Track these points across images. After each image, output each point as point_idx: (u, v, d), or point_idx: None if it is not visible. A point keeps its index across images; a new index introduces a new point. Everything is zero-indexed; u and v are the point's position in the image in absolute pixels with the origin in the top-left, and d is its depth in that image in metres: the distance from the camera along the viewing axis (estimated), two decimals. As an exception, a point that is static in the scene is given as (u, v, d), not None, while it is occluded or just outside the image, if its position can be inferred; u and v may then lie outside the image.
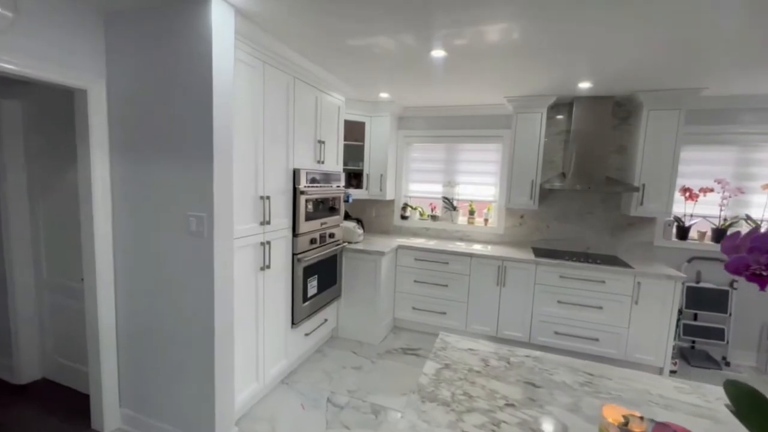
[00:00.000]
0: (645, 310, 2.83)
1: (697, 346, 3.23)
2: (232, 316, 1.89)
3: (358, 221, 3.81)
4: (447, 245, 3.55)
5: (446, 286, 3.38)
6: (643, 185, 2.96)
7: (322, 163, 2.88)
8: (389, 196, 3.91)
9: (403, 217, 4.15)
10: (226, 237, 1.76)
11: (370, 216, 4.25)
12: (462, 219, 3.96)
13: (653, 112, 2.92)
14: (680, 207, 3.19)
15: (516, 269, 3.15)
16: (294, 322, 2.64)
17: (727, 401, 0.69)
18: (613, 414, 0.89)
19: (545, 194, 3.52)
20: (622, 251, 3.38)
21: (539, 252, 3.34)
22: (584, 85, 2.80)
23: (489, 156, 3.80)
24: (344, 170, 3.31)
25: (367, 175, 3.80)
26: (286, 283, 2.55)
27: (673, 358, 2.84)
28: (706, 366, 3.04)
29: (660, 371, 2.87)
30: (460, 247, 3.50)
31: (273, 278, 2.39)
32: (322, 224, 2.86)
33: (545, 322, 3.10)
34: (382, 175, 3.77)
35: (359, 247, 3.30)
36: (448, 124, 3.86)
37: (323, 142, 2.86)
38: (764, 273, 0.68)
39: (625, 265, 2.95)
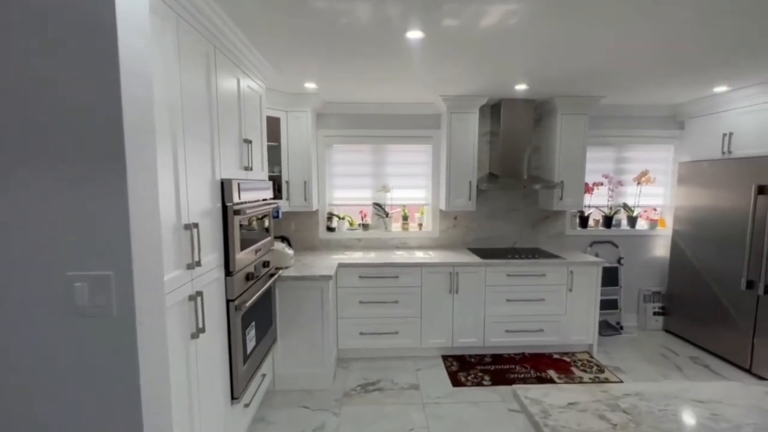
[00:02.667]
0: (577, 295, 3.11)
1: (599, 317, 3.78)
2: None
3: (284, 240, 3.10)
4: (390, 256, 3.21)
5: (396, 302, 3.04)
6: (562, 182, 3.25)
7: (250, 169, 2.15)
8: (315, 206, 3.32)
9: (330, 229, 3.61)
10: (154, 308, 0.98)
11: (289, 231, 3.55)
12: (395, 225, 3.69)
13: (565, 116, 3.23)
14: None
15: (467, 273, 3.05)
16: (234, 396, 1.87)
17: None
18: None
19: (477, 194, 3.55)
20: (542, 242, 3.69)
21: (476, 252, 3.34)
22: (520, 87, 2.87)
23: (419, 157, 3.62)
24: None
25: (287, 182, 3.13)
26: (221, 345, 1.77)
27: (596, 333, 3.21)
28: (609, 333, 3.57)
29: (590, 347, 3.21)
30: (407, 257, 3.21)
31: (207, 343, 1.60)
32: (256, 252, 2.13)
33: (497, 322, 3.10)
34: (305, 182, 3.16)
35: (294, 273, 2.65)
36: (374, 123, 3.51)
37: (250, 142, 2.13)
38: None
39: (550, 255, 3.19)
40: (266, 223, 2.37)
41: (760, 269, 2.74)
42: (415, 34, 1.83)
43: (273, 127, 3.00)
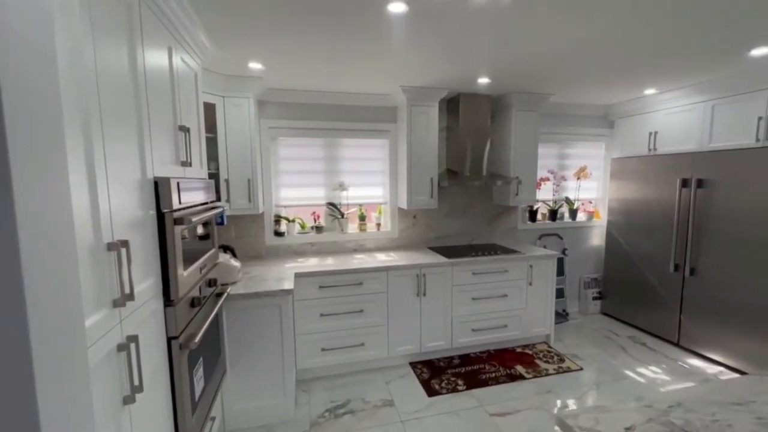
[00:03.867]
0: (536, 288, 3.18)
1: (548, 306, 3.97)
2: None
3: (227, 249, 2.62)
4: (350, 261, 2.93)
5: (361, 311, 2.78)
6: (518, 177, 3.30)
7: (189, 165, 1.69)
8: (261, 208, 2.89)
9: (278, 234, 3.19)
10: (69, 375, 0.59)
11: (230, 238, 3.05)
12: (352, 226, 3.40)
13: (519, 112, 3.27)
14: (531, 194, 3.78)
15: (434, 274, 2.91)
16: (182, 460, 1.44)
17: None
18: None
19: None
20: (497, 238, 3.73)
21: (437, 251, 3.24)
22: (483, 81, 2.80)
23: (375, 153, 3.38)
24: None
25: (227, 180, 2.65)
26: (164, 403, 1.33)
27: (552, 323, 3.34)
28: (558, 321, 3.75)
29: (547, 337, 3.32)
30: (369, 261, 2.96)
31: (146, 406, 1.17)
32: (201, 269, 1.69)
33: (464, 322, 3.02)
34: (249, 181, 2.71)
35: (244, 289, 2.23)
36: (325, 114, 3.18)
37: (187, 130, 1.68)
38: None
39: (509, 250, 3.22)
40: (210, 231, 1.92)
41: (685, 253, 3.07)
42: (398, 7, 1.58)
43: (208, 115, 2.49)
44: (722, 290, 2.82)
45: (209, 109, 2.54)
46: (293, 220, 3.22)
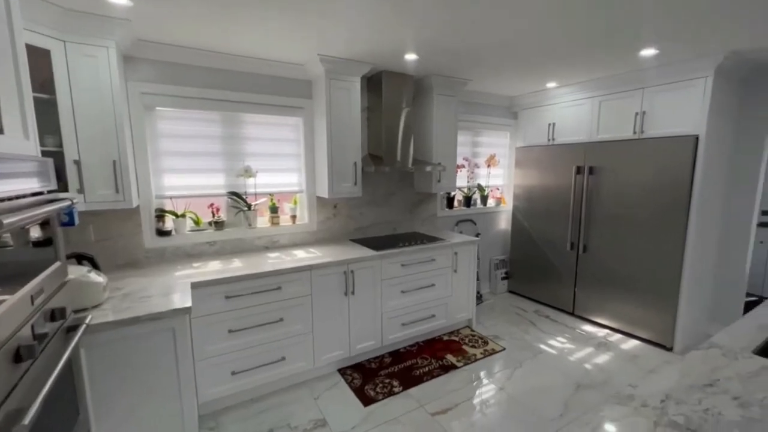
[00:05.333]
0: (460, 275, 3.19)
1: (464, 290, 4.10)
2: None
3: (84, 259, 1.86)
4: (264, 262, 2.45)
5: (281, 320, 2.35)
6: (440, 163, 3.23)
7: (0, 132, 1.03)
8: (135, 201, 2.17)
9: (163, 233, 2.48)
10: None
11: (88, 242, 2.23)
12: (262, 220, 2.88)
13: (439, 96, 3.19)
14: (448, 181, 3.78)
15: (363, 270, 2.64)
16: None
17: None
18: None
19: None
20: (419, 226, 3.64)
21: (361, 243, 2.99)
22: (410, 57, 2.58)
23: (287, 133, 2.89)
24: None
25: (77, 162, 1.90)
26: None
27: (473, 307, 3.42)
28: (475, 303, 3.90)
29: (469, 321, 3.38)
30: (286, 259, 2.51)
31: None
32: (34, 297, 1.07)
33: (393, 317, 2.84)
34: (116, 163, 2.00)
35: (114, 314, 1.60)
36: (223, 82, 2.56)
37: (-9, 73, 1.01)
38: None
39: (434, 238, 3.16)
40: (50, 236, 1.26)
41: (579, 233, 3.45)
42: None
43: (38, 65, 1.70)
44: (607, 263, 3.24)
45: (40, 57, 1.74)
46: (183, 215, 2.55)
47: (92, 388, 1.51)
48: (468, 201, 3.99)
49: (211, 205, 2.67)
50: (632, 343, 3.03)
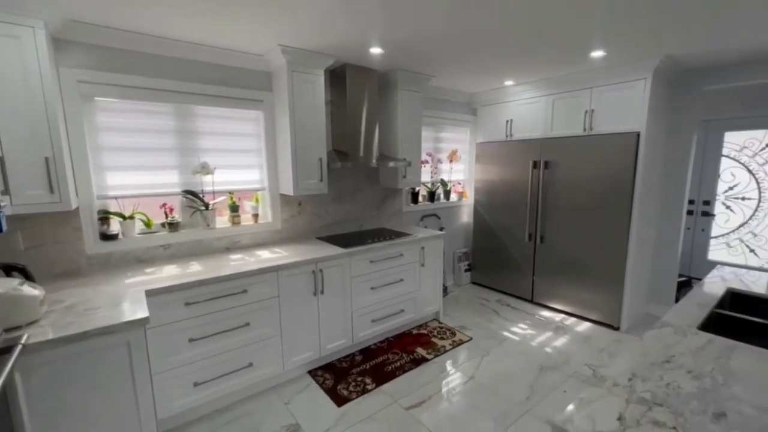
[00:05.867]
0: (427, 269, 3.23)
1: (430, 283, 4.17)
2: None
3: (14, 270, 1.63)
4: (226, 264, 2.31)
5: (248, 324, 2.23)
6: (405, 159, 3.24)
7: None
8: (74, 203, 1.95)
9: (108, 236, 2.25)
10: None
11: (14, 251, 1.96)
12: (221, 220, 2.71)
13: (404, 92, 3.19)
14: (413, 177, 3.81)
15: (332, 268, 2.58)
16: None
17: None
18: None
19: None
20: (385, 221, 3.64)
21: (328, 241, 2.93)
22: (375, 51, 2.54)
23: (246, 127, 2.74)
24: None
25: (0, 160, 1.66)
26: None
27: (440, 299, 3.49)
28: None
29: (437, 314, 3.45)
30: (251, 261, 2.39)
31: None
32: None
33: (363, 314, 2.81)
34: (48, 160, 1.77)
35: (54, 331, 1.42)
36: (175, 72, 2.36)
37: None
38: None
39: (401, 234, 3.17)
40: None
41: (536, 224, 3.64)
42: None
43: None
44: (562, 252, 3.46)
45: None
46: (132, 217, 2.33)
47: (32, 418, 1.33)
48: (432, 196, 4.05)
49: (164, 205, 2.46)
50: (585, 325, 3.26)
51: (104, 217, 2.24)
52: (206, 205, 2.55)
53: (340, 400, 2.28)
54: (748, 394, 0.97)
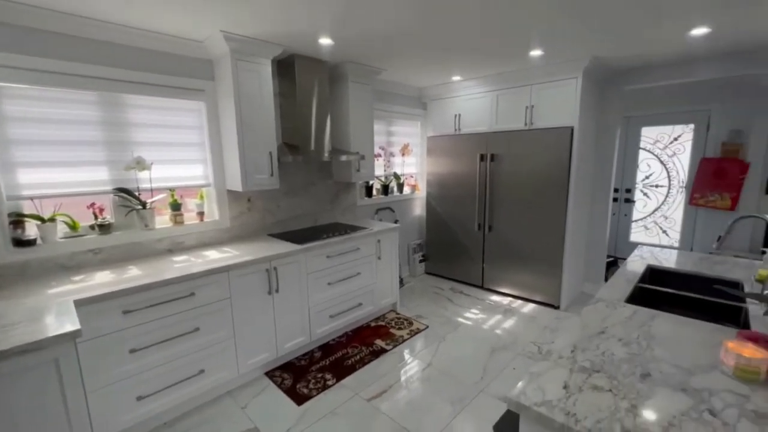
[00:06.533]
0: (384, 261, 3.27)
1: (386, 276, 4.22)
2: None
3: None
4: (169, 267, 2.15)
5: (197, 329, 2.10)
6: (358, 152, 3.23)
7: None
8: (-22, 204, 1.69)
9: (23, 242, 1.98)
10: None
11: None
12: (161, 219, 2.51)
13: (354, 84, 3.16)
14: (366, 170, 3.81)
15: (287, 265, 2.51)
16: None
17: None
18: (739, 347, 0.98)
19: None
20: (339, 216, 3.60)
21: (281, 237, 2.84)
22: (324, 42, 2.48)
23: (187, 119, 2.55)
24: None
25: None
26: None
27: (397, 291, 3.55)
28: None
29: (394, 305, 3.51)
30: (198, 262, 2.24)
31: None
32: None
33: (321, 310, 2.78)
34: (-59, 155, 1.51)
35: (-36, 349, 1.23)
36: (99, 57, 2.12)
37: None
38: None
39: (357, 227, 3.17)
40: None
41: (485, 215, 3.83)
42: None
43: None
44: (508, 240, 3.68)
45: None
46: (53, 219, 2.06)
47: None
48: (386, 189, 4.08)
49: (92, 205, 2.22)
50: (530, 307, 3.52)
51: (17, 220, 1.97)
52: (143, 204, 2.34)
53: (300, 399, 2.24)
54: (666, 355, 1.11)
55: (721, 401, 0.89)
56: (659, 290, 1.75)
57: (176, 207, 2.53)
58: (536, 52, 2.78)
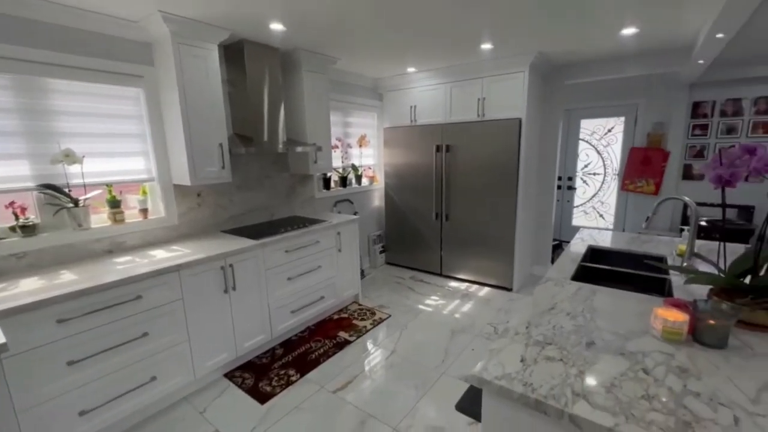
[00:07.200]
0: (344, 253, 3.25)
1: (347, 268, 4.20)
2: None
3: None
4: (110, 270, 1.98)
5: (146, 335, 1.96)
6: (315, 144, 3.16)
7: None
8: None
9: (-75, 250, 1.71)
10: None
11: None
12: (98, 218, 2.29)
13: (308, 73, 3.07)
14: (324, 162, 3.74)
15: (243, 262, 2.41)
16: None
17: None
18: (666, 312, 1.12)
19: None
20: (297, 209, 3.52)
21: (235, 233, 2.72)
22: (275, 27, 2.38)
23: (124, 107, 2.33)
24: None
25: None
26: None
27: (359, 282, 3.55)
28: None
29: (356, 297, 3.51)
30: (143, 263, 2.08)
31: None
32: None
33: (281, 306, 2.71)
34: None
35: None
36: (12, 35, 1.86)
37: None
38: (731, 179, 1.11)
39: (315, 220, 3.13)
40: None
41: (441, 204, 3.94)
42: None
43: None
44: (464, 228, 3.83)
45: None
46: (-38, 221, 1.80)
47: None
48: (344, 181, 4.05)
49: (12, 203, 1.96)
50: (486, 290, 3.70)
51: None
52: (75, 202, 2.12)
53: (263, 398, 2.18)
54: (607, 324, 1.23)
55: (652, 360, 1.01)
56: (599, 267, 1.92)
57: (115, 204, 2.32)
58: (486, 46, 2.88)
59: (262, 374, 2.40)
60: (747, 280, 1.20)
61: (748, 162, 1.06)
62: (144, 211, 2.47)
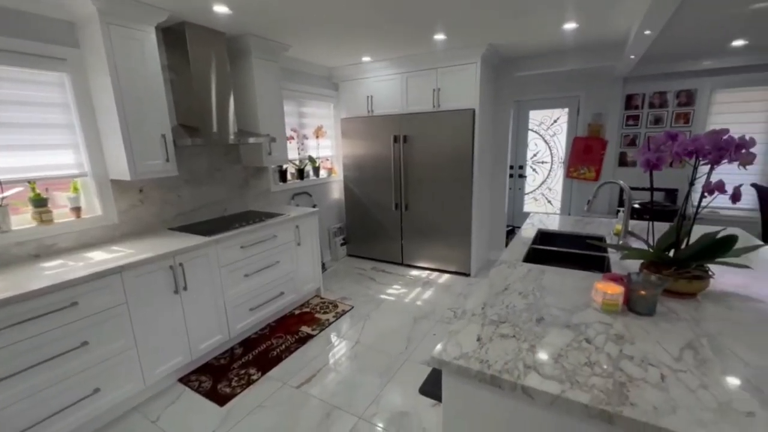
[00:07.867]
0: (304, 247, 3.18)
1: (308, 262, 4.13)
2: None
3: None
4: (36, 276, 1.78)
5: (85, 344, 1.80)
6: (268, 135, 3.04)
7: None
8: None
9: None
10: None
11: None
12: (20, 218, 2.05)
13: (258, 60, 2.94)
14: (279, 154, 3.62)
15: (195, 260, 2.28)
16: None
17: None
18: (605, 286, 1.22)
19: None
20: (252, 203, 3.38)
21: (185, 230, 2.56)
22: (220, 9, 2.23)
23: (47, 94, 2.08)
24: None
25: None
26: None
27: (320, 276, 3.51)
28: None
29: (318, 290, 3.47)
30: (77, 266, 1.90)
31: None
32: None
33: (239, 304, 2.61)
34: None
35: None
36: None
37: None
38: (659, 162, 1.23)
39: (272, 214, 3.02)
40: None
41: (401, 195, 3.98)
42: None
43: None
44: (424, 217, 3.90)
45: None
46: None
47: None
48: (301, 173, 3.94)
49: None
50: (445, 277, 3.81)
51: None
52: (-10, 201, 1.87)
53: (222, 399, 2.09)
54: (554, 300, 1.32)
55: (593, 331, 1.09)
56: (547, 249, 2.04)
57: (40, 202, 2.08)
58: (440, 36, 2.92)
59: (221, 375, 2.30)
60: (671, 253, 1.33)
61: (671, 147, 1.17)
62: (76, 210, 2.24)
